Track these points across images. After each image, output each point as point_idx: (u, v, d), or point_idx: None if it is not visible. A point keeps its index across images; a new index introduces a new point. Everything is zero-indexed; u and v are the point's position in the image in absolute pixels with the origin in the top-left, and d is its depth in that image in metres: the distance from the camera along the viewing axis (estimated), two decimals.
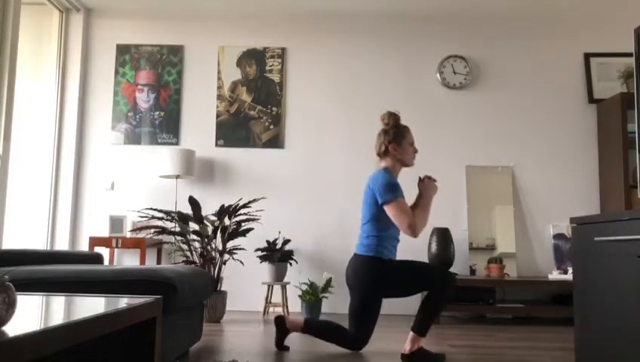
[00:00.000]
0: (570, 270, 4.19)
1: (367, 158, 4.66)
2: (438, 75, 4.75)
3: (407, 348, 2.65)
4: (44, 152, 4.68)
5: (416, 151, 2.87)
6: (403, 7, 4.75)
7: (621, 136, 4.23)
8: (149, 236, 4.41)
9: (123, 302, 1.47)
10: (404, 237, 2.83)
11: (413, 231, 2.66)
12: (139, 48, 4.86)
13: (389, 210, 2.68)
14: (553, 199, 4.62)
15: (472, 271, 4.40)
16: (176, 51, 4.85)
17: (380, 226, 2.73)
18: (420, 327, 2.63)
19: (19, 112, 4.26)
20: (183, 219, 3.89)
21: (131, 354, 1.52)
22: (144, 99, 4.81)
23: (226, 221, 4.06)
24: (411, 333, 2.65)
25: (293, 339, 3.20)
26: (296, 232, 4.61)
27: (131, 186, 4.74)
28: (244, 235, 4.01)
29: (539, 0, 4.63)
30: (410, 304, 4.54)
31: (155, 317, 1.54)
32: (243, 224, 4.08)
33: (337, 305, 4.46)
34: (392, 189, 2.68)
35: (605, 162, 4.48)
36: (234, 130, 4.76)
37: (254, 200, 4.04)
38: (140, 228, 3.89)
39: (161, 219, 3.86)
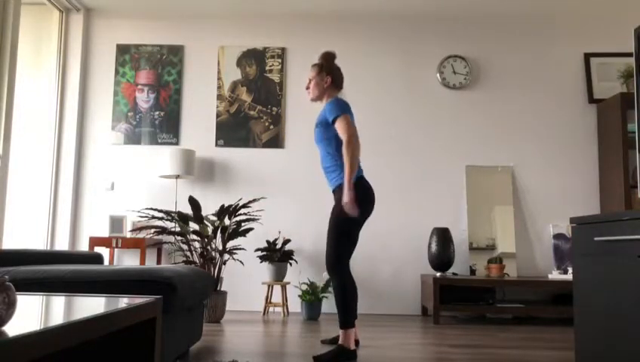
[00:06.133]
0: (570, 270, 4.19)
1: (367, 158, 4.66)
2: (438, 75, 4.75)
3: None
4: (44, 152, 4.68)
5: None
6: (403, 7, 4.75)
7: (621, 136, 4.23)
8: (149, 236, 4.41)
9: (123, 302, 1.47)
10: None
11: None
12: (139, 48, 4.86)
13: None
14: (553, 199, 4.62)
15: (472, 271, 4.40)
16: (176, 51, 4.85)
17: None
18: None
19: (19, 112, 4.26)
20: (183, 219, 3.89)
21: (131, 354, 1.52)
22: (144, 99, 4.81)
23: (226, 221, 4.06)
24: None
25: (293, 340, 3.20)
26: (296, 232, 4.61)
27: (131, 186, 4.74)
28: (244, 235, 4.00)
29: (539, 0, 4.63)
30: (410, 304, 4.55)
31: (155, 317, 1.54)
32: (243, 224, 4.08)
33: None
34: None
35: (605, 162, 4.48)
36: (234, 130, 4.76)
37: (254, 200, 4.04)
38: (140, 228, 3.89)
39: (161, 219, 3.86)
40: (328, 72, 2.95)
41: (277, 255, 4.25)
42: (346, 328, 2.69)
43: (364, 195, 2.78)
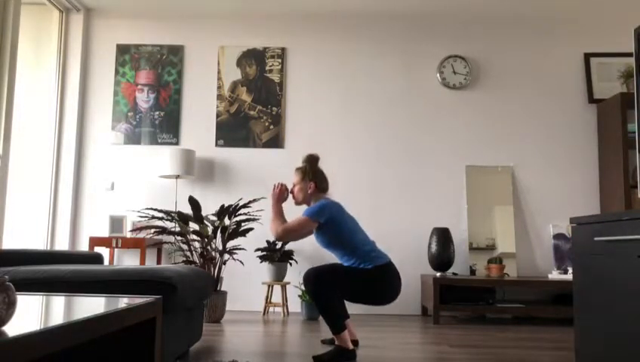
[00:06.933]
0: (570, 270, 4.19)
1: (367, 158, 4.66)
2: (438, 75, 4.75)
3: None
4: (44, 152, 4.68)
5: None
6: (403, 6, 4.75)
7: (621, 136, 4.23)
8: (149, 236, 4.41)
9: (123, 302, 1.47)
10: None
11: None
12: (139, 48, 4.86)
13: None
14: (553, 199, 4.62)
15: (472, 271, 4.40)
16: (176, 51, 4.85)
17: None
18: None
19: (19, 112, 4.26)
20: (183, 219, 3.89)
21: (131, 354, 1.52)
22: (144, 99, 4.81)
23: (226, 221, 4.06)
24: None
25: (293, 340, 3.20)
26: None
27: (131, 186, 4.74)
28: (244, 235, 4.01)
29: (539, 0, 4.63)
30: (410, 304, 4.54)
31: (155, 317, 1.54)
32: (243, 224, 4.08)
33: None
34: None
35: (605, 162, 4.48)
36: (234, 130, 4.76)
37: (254, 200, 4.04)
38: (140, 228, 3.89)
39: (161, 219, 3.86)
40: (311, 178, 2.99)
41: (277, 255, 4.25)
42: (338, 333, 2.66)
43: (381, 279, 2.77)
